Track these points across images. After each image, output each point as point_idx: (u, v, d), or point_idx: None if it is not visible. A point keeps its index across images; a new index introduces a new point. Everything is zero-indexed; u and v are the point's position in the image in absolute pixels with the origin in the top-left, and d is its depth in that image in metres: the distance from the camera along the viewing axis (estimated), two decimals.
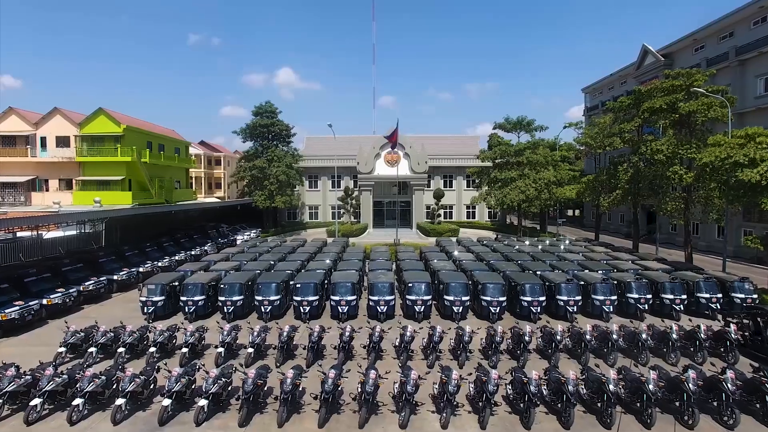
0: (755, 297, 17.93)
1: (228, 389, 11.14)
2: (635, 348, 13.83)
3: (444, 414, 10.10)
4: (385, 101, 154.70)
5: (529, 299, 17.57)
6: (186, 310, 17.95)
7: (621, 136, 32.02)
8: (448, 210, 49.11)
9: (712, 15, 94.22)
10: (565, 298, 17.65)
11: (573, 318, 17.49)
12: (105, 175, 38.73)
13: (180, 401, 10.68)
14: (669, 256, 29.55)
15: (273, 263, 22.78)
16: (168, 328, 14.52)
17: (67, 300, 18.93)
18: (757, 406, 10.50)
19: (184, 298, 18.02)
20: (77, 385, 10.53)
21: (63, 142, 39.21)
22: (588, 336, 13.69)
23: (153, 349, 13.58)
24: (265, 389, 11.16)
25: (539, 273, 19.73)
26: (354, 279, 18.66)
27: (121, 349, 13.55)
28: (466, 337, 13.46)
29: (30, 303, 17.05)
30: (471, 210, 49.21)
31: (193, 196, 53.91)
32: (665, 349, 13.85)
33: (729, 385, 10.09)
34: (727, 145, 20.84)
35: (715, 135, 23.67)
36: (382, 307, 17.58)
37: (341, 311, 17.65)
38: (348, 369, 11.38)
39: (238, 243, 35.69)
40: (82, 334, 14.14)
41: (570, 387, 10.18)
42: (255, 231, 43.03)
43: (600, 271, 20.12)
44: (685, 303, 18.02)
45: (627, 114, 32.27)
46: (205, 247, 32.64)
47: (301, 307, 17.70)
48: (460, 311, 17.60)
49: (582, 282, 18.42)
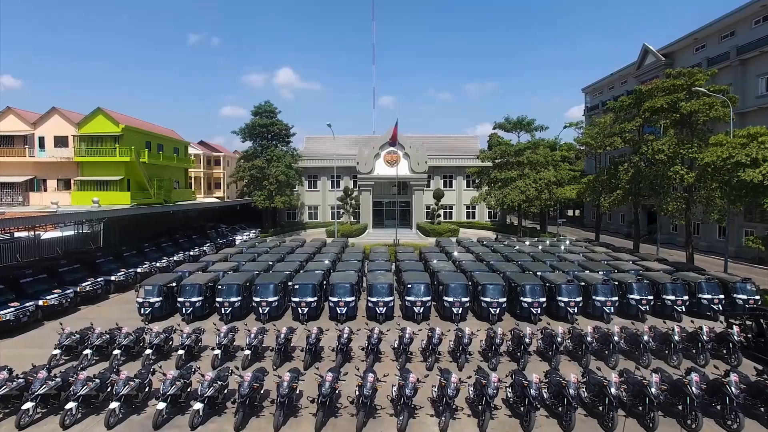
0: (757, 298, 17.78)
1: (224, 392, 10.99)
2: (637, 350, 13.68)
3: (443, 418, 9.95)
4: (385, 101, 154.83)
5: (530, 300, 17.42)
6: (183, 311, 17.83)
7: (622, 135, 31.88)
8: (447, 210, 48.96)
9: (712, 15, 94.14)
10: (566, 299, 17.50)
11: (574, 319, 17.35)
12: (103, 175, 38.60)
13: (175, 404, 10.52)
14: (670, 256, 29.41)
15: (271, 264, 22.62)
16: (164, 329, 14.37)
17: (64, 301, 18.75)
18: (762, 409, 10.35)
19: (181, 299, 17.88)
20: (71, 389, 10.39)
21: (61, 142, 39.07)
22: (589, 338, 13.53)
23: (149, 351, 13.46)
24: (262, 392, 11.04)
25: (539, 274, 19.59)
26: (353, 280, 18.50)
27: (117, 351, 13.39)
28: (465, 339, 13.31)
29: (25, 304, 16.88)
30: (471, 210, 49.08)
31: (192, 196, 53.77)
32: (667, 351, 13.71)
33: (733, 389, 9.94)
34: (729, 145, 20.70)
35: (717, 135, 23.52)
36: (381, 309, 17.44)
37: (340, 312, 17.50)
38: (346, 372, 11.24)
39: (237, 243, 35.55)
40: (77, 336, 14.00)
41: (571, 390, 10.04)
42: (254, 231, 42.86)
43: (601, 272, 19.97)
44: (687, 304, 17.86)
45: (628, 114, 32.10)
46: (204, 248, 32.49)
47: (300, 309, 17.55)
48: (459, 312, 17.46)
49: (582, 283, 18.27)
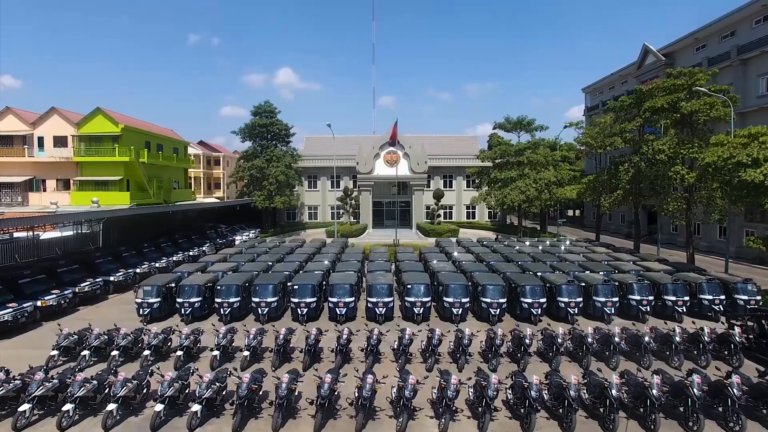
0: (759, 299, 17.69)
1: (222, 394, 10.91)
2: (638, 351, 13.60)
3: (443, 420, 9.87)
4: (385, 101, 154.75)
5: (530, 301, 17.35)
6: (182, 312, 17.76)
7: (622, 135, 31.83)
8: (447, 210, 48.89)
9: (712, 15, 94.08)
10: (566, 299, 17.42)
11: (574, 320, 17.28)
12: (103, 175, 38.56)
13: (173, 406, 10.45)
14: (670, 256, 29.33)
15: (271, 264, 22.54)
16: (163, 330, 14.29)
17: (62, 301, 18.67)
18: (764, 411, 10.26)
19: (180, 299, 17.80)
20: (68, 390, 10.31)
21: (60, 142, 39.04)
22: (589, 339, 13.45)
23: (147, 352, 13.38)
24: (260, 394, 10.96)
25: (540, 274, 19.51)
26: (352, 280, 18.42)
27: (115, 352, 13.31)
28: (465, 340, 13.23)
29: (23, 305, 16.80)
30: (471, 210, 49.00)
31: (192, 196, 53.72)
32: (668, 353, 13.63)
33: (735, 390, 9.85)
34: (730, 145, 20.65)
35: (718, 135, 23.45)
36: (380, 309, 17.37)
37: (339, 313, 17.43)
38: (345, 373, 11.16)
39: (236, 243, 35.48)
40: (75, 336, 13.91)
41: (571, 392, 9.96)
42: (254, 231, 42.78)
43: (601, 273, 19.89)
44: (688, 305, 17.78)
45: (628, 113, 32.05)
46: (204, 248, 32.42)
47: (299, 309, 17.47)
48: (459, 313, 17.38)
49: (583, 283, 18.20)
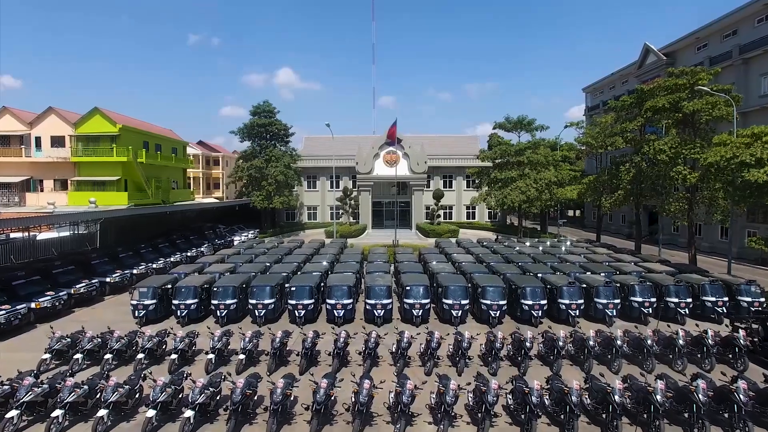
0: (762, 300, 17.45)
1: (216, 399, 10.68)
2: (640, 354, 13.37)
3: (441, 426, 9.64)
4: (385, 101, 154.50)
5: (530, 303, 17.11)
6: (178, 313, 17.53)
7: (623, 135, 31.61)
8: (447, 210, 48.64)
9: (712, 14, 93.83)
10: (567, 301, 17.20)
11: (575, 322, 17.06)
12: (100, 176, 38.33)
13: (165, 412, 10.21)
14: (672, 257, 29.07)
15: (269, 265, 22.31)
16: (157, 333, 14.07)
17: (57, 303, 18.45)
18: None
19: (176, 301, 17.58)
20: (58, 396, 10.07)
21: (58, 141, 38.79)
22: (591, 342, 13.22)
23: (141, 356, 13.17)
24: (255, 399, 10.71)
25: (540, 275, 19.28)
26: (350, 282, 18.20)
27: (108, 356, 13.08)
28: (464, 343, 13.00)
29: (17, 307, 16.58)
30: (471, 210, 48.75)
31: (191, 196, 53.48)
32: (671, 356, 13.39)
33: (741, 396, 9.61)
34: (733, 145, 20.41)
35: (720, 134, 23.20)
36: (379, 311, 17.14)
37: (337, 315, 17.21)
38: (341, 378, 10.91)
39: (235, 244, 35.23)
40: (68, 339, 13.69)
41: (573, 397, 9.74)
42: (253, 232, 42.56)
43: (602, 274, 19.66)
44: (691, 306, 17.56)
45: (629, 113, 31.83)
46: (202, 248, 32.18)
47: (296, 311, 17.25)
48: (459, 315, 17.15)
49: (584, 285, 17.97)
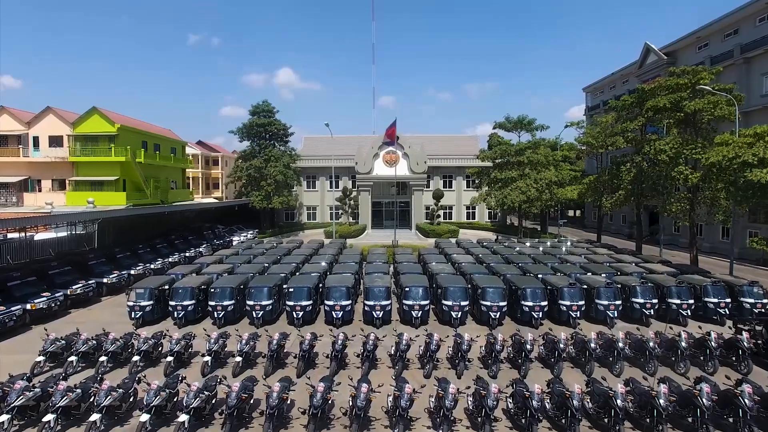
0: (766, 302, 17.26)
1: (212, 402, 10.51)
2: (642, 357, 13.18)
3: (441, 430, 9.46)
4: (385, 101, 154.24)
5: (531, 304, 16.93)
6: (175, 315, 17.35)
7: (624, 135, 31.41)
8: (447, 211, 48.46)
9: (712, 14, 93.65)
10: (568, 302, 17.02)
11: (576, 323, 16.88)
12: (99, 176, 38.10)
13: (160, 416, 10.04)
14: (673, 257, 28.92)
15: (267, 266, 22.12)
16: (153, 335, 13.88)
17: (53, 304, 18.28)
18: None
19: (173, 302, 17.40)
20: (50, 400, 9.89)
21: (56, 141, 38.57)
22: (593, 344, 13.04)
23: (136, 358, 12.99)
24: (251, 402, 10.56)
25: (541, 276, 19.10)
26: (349, 283, 18.02)
27: (103, 358, 12.91)
28: (464, 346, 12.82)
29: (12, 308, 16.41)
30: (471, 211, 48.57)
31: (190, 196, 53.28)
32: (674, 358, 13.20)
33: (746, 400, 9.44)
34: (735, 145, 20.22)
35: (722, 134, 23.01)
36: (378, 313, 16.96)
37: (336, 317, 17.02)
38: (338, 382, 10.73)
39: (234, 244, 35.04)
40: (62, 342, 13.51)
41: (575, 401, 9.57)
42: (252, 232, 42.37)
43: (603, 275, 19.49)
44: (693, 308, 17.39)
45: (630, 113, 31.62)
46: (200, 249, 32.01)
47: (294, 313, 17.08)
48: (458, 316, 16.97)
49: (585, 286, 17.79)
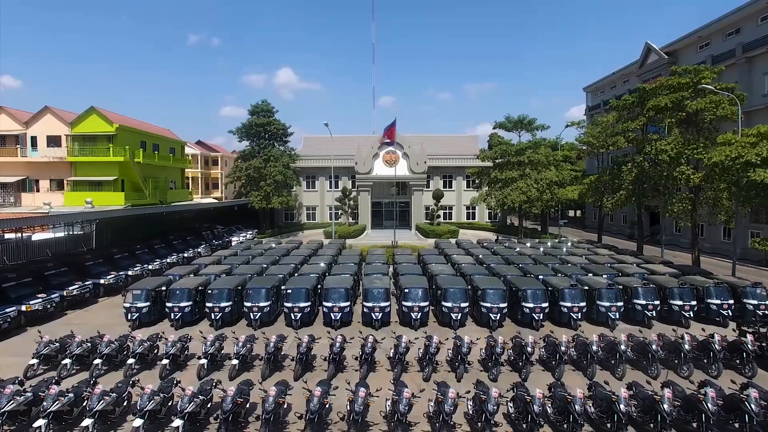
0: None
1: (207, 407, 10.31)
2: (644, 359, 12.99)
3: None
4: (385, 101, 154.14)
5: (531, 305, 16.74)
6: (172, 316, 17.16)
7: (625, 135, 31.22)
8: (447, 211, 48.26)
9: (712, 14, 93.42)
10: (569, 304, 16.83)
11: (577, 325, 16.68)
12: (97, 176, 37.89)
13: (154, 421, 9.84)
14: (674, 258, 28.71)
15: (265, 267, 21.93)
16: (149, 337, 13.70)
17: (49, 306, 18.10)
18: None
19: (170, 304, 17.20)
20: (42, 404, 9.70)
21: (54, 141, 38.37)
22: (594, 347, 12.86)
23: (132, 361, 12.80)
24: (247, 407, 10.36)
25: (541, 277, 18.90)
26: (348, 284, 17.83)
27: (98, 361, 12.71)
28: (464, 348, 12.63)
29: (6, 309, 16.23)
30: (471, 211, 48.38)
31: (189, 196, 53.06)
32: (677, 361, 13.01)
33: (752, 405, 9.24)
34: (738, 144, 20.01)
35: (725, 134, 22.80)
36: (377, 314, 16.77)
37: (334, 318, 16.84)
38: (336, 386, 10.53)
39: (233, 244, 34.82)
40: (57, 344, 13.32)
41: (577, 406, 9.39)
42: (251, 232, 42.16)
43: (605, 276, 19.29)
44: (695, 309, 17.19)
45: (631, 112, 31.42)
46: (199, 249, 31.82)
47: (292, 314, 16.89)
48: (458, 318, 16.78)
49: (586, 287, 17.60)
